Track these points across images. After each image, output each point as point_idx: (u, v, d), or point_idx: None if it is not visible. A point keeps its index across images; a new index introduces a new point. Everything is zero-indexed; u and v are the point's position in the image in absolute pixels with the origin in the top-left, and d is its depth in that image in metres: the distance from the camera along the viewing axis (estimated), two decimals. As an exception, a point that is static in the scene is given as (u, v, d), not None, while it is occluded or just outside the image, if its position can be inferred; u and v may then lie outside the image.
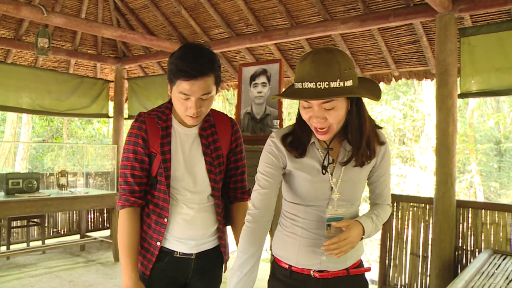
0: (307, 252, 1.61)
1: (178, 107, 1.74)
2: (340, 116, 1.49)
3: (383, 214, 1.67)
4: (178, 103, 1.73)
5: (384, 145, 1.63)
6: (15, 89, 6.09)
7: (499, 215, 3.75)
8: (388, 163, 1.67)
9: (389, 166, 1.70)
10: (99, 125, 15.48)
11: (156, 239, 1.81)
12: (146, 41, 5.73)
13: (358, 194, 1.65)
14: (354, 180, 1.60)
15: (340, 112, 1.48)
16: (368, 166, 1.61)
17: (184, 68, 1.65)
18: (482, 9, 3.87)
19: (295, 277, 1.63)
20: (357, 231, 1.53)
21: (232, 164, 1.97)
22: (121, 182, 1.80)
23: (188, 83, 1.66)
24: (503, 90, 3.86)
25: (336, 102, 1.45)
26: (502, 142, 12.79)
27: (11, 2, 4.21)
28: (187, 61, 1.66)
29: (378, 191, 1.70)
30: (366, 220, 1.58)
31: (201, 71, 1.66)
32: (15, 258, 5.64)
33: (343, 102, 1.47)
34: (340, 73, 1.39)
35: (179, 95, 1.70)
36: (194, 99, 1.69)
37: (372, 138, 1.57)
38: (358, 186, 1.63)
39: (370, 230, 1.57)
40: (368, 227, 1.57)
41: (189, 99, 1.69)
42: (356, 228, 1.53)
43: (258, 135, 4.35)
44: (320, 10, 4.82)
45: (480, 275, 2.87)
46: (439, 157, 3.88)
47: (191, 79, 1.65)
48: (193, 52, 1.70)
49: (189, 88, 1.66)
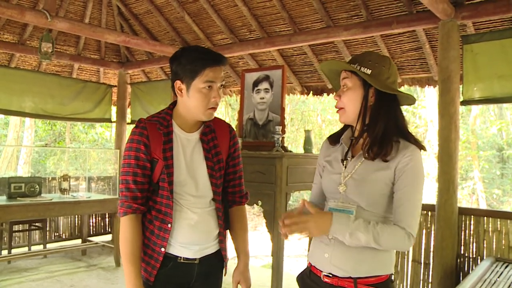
0: (317, 248, 1.69)
1: (200, 101, 1.78)
2: (351, 97, 1.65)
3: (386, 232, 1.52)
4: (201, 96, 1.77)
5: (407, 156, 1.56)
6: (19, 93, 6.11)
7: (501, 223, 3.74)
8: (409, 180, 1.56)
9: (412, 185, 1.56)
10: (102, 130, 15.50)
11: (160, 245, 1.81)
12: (149, 46, 5.75)
13: (367, 194, 1.59)
14: (364, 178, 1.60)
15: (351, 93, 1.65)
16: (385, 173, 1.58)
17: (209, 57, 1.77)
18: (485, 16, 3.87)
19: (312, 278, 1.69)
20: (321, 222, 1.53)
21: (231, 169, 2.00)
22: (122, 189, 1.79)
23: (213, 69, 1.76)
24: (505, 98, 3.86)
25: (349, 82, 1.65)
26: (504, 149, 12.76)
27: (16, 7, 4.25)
28: (205, 52, 1.79)
29: (394, 207, 1.59)
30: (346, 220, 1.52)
31: (221, 58, 1.81)
32: (16, 262, 5.63)
33: (356, 86, 1.64)
34: (363, 61, 1.63)
35: (204, 86, 1.76)
36: (216, 87, 1.78)
37: (390, 137, 1.59)
38: (367, 186, 1.59)
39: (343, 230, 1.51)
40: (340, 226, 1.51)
41: (212, 88, 1.77)
42: (321, 219, 1.54)
43: (260, 141, 4.35)
44: (323, 17, 4.83)
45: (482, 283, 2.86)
46: (441, 164, 3.87)
47: (219, 65, 1.78)
48: (200, 47, 1.84)
49: (215, 75, 1.77)
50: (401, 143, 1.60)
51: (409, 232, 1.53)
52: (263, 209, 4.01)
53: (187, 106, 1.81)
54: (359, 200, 1.60)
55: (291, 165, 3.96)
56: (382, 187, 1.59)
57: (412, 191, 1.56)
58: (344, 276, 1.60)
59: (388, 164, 1.58)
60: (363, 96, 1.63)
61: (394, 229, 1.54)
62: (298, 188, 4.14)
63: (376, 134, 1.60)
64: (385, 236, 1.51)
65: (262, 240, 9.29)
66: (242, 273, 1.99)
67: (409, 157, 1.57)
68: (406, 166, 1.56)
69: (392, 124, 1.61)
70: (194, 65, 1.75)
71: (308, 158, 4.19)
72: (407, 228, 1.53)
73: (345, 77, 1.67)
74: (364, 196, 1.60)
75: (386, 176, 1.58)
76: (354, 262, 1.59)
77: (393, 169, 1.58)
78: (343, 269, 1.60)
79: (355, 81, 1.64)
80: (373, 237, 1.51)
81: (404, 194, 1.56)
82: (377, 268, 1.60)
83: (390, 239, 1.52)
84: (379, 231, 1.51)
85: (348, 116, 1.68)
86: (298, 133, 13.98)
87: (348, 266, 1.59)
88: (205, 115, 1.81)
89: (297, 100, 13.63)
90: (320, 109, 13.94)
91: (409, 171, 1.56)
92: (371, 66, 1.61)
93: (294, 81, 5.85)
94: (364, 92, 1.63)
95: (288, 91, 6.00)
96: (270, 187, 3.90)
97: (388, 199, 1.60)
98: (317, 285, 1.67)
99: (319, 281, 1.66)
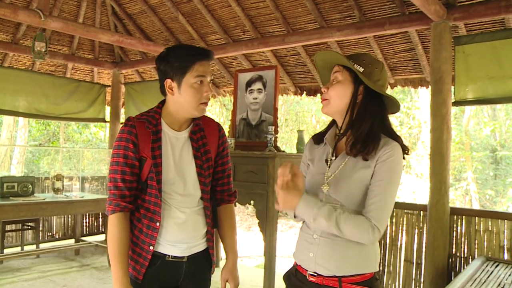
0: (302, 247, 1.70)
1: (192, 97, 1.79)
2: (339, 92, 1.66)
3: (350, 222, 1.52)
4: (192, 91, 1.78)
5: (387, 152, 1.58)
6: (12, 92, 6.09)
7: (493, 223, 3.77)
8: (385, 174, 1.56)
9: (388, 179, 1.56)
10: (96, 130, 15.46)
11: (149, 244, 1.81)
12: (143, 46, 5.75)
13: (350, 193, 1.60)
14: (347, 178, 1.61)
15: (340, 87, 1.66)
16: (366, 171, 1.59)
17: (199, 52, 1.80)
18: (476, 18, 3.90)
19: (299, 276, 1.71)
20: (290, 197, 1.57)
21: (219, 167, 2.01)
22: (110, 187, 1.79)
23: (204, 64, 1.79)
24: (497, 99, 3.90)
25: (340, 76, 1.67)
26: (498, 150, 12.83)
27: (9, 6, 4.23)
28: (192, 48, 1.82)
29: (367, 199, 1.58)
30: (313, 204, 1.55)
31: (209, 53, 1.84)
32: (9, 262, 5.61)
33: (347, 81, 1.66)
34: (357, 59, 1.66)
35: (195, 81, 1.78)
36: (207, 81, 1.81)
37: (374, 136, 1.60)
38: (350, 185, 1.60)
39: (307, 213, 1.55)
40: (306, 210, 1.55)
41: (203, 83, 1.79)
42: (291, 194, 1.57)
43: (253, 141, 4.36)
44: (316, 17, 4.85)
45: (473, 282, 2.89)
46: (433, 165, 3.90)
47: (207, 59, 1.81)
48: (185, 44, 1.92)
49: (204, 69, 1.79)
50: (382, 141, 1.61)
51: (375, 225, 1.53)
52: (255, 209, 4.02)
53: (179, 103, 1.81)
54: (342, 199, 1.61)
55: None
56: (364, 186, 1.60)
57: (386, 185, 1.56)
58: (329, 275, 1.61)
59: (369, 163, 1.59)
60: (352, 92, 1.65)
61: (360, 220, 1.53)
62: (291, 188, 4.14)
63: (361, 132, 1.61)
64: (348, 226, 1.52)
65: (256, 240, 9.30)
66: (230, 271, 1.99)
67: (389, 152, 1.57)
68: (384, 161, 1.57)
69: (378, 124, 1.63)
70: (183, 61, 1.77)
71: (301, 158, 4.18)
72: (373, 221, 1.53)
73: (337, 70, 1.69)
74: (347, 195, 1.61)
75: (367, 174, 1.59)
76: (338, 260, 1.60)
77: (373, 166, 1.59)
78: (328, 268, 1.61)
79: (346, 76, 1.66)
80: (336, 225, 1.52)
81: (378, 187, 1.56)
82: (361, 266, 1.61)
83: (353, 229, 1.52)
84: (343, 220, 1.52)
85: (331, 108, 1.69)
86: (293, 133, 14.00)
87: (332, 265, 1.60)
88: (198, 110, 1.82)
89: (292, 101, 13.67)
90: (315, 110, 13.97)
91: (386, 166, 1.57)
92: (364, 65, 1.64)
93: (288, 81, 5.87)
94: (354, 88, 1.65)
95: (281, 92, 6.02)
96: (263, 187, 3.92)
97: None
98: (303, 284, 1.68)
99: (305, 280, 1.67)
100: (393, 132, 1.66)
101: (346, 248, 1.59)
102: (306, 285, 1.67)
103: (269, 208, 3.90)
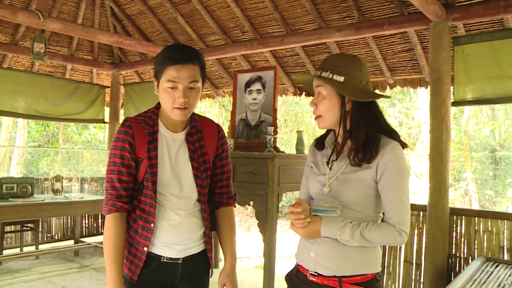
0: (303, 247, 1.72)
1: (165, 100, 1.76)
2: (328, 106, 1.65)
3: (376, 232, 1.55)
4: (165, 95, 1.74)
5: (387, 154, 1.58)
6: (11, 93, 6.08)
7: (492, 223, 3.77)
8: (393, 177, 1.57)
9: (396, 181, 1.58)
10: (95, 131, 15.46)
11: (143, 245, 1.81)
12: (142, 47, 5.75)
13: (351, 195, 1.61)
14: (348, 179, 1.62)
15: (327, 101, 1.65)
16: (367, 172, 1.59)
17: (171, 55, 1.73)
18: (475, 18, 3.91)
19: (300, 277, 1.71)
20: (310, 230, 1.61)
21: (218, 170, 1.97)
22: (107, 187, 1.79)
23: (175, 68, 1.70)
24: (496, 99, 3.90)
25: (324, 91, 1.65)
26: (497, 150, 12.85)
27: (8, 7, 4.23)
28: (173, 50, 1.76)
29: (383, 206, 1.62)
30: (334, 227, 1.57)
31: (187, 57, 1.73)
32: (8, 263, 5.60)
33: (331, 94, 1.64)
34: (334, 67, 1.62)
35: (167, 86, 1.72)
36: (182, 88, 1.72)
37: (372, 141, 1.60)
38: (351, 187, 1.61)
39: (332, 235, 1.58)
40: (330, 233, 1.58)
41: (176, 88, 1.72)
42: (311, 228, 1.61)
43: (252, 142, 4.36)
44: (315, 18, 4.85)
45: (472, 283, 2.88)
46: (432, 165, 3.90)
47: (178, 64, 1.71)
48: (177, 45, 1.85)
49: (177, 74, 1.71)
50: (381, 140, 1.61)
51: (400, 229, 1.55)
52: (255, 210, 4.02)
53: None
54: (344, 201, 1.61)
55: (283, 166, 3.97)
56: (365, 187, 1.60)
57: (397, 188, 1.58)
58: (329, 275, 1.61)
59: (369, 164, 1.59)
60: (340, 103, 1.64)
61: (384, 227, 1.56)
62: (290, 189, 4.15)
63: (359, 141, 1.61)
64: (375, 237, 1.55)
65: (255, 241, 9.29)
66: (228, 275, 1.95)
67: (389, 153, 1.57)
68: (387, 164, 1.57)
69: (373, 127, 1.63)
70: (158, 64, 1.75)
71: (300, 158, 4.20)
72: (398, 226, 1.56)
73: (318, 85, 1.67)
74: (348, 197, 1.61)
75: (368, 175, 1.59)
76: (339, 260, 1.60)
77: (374, 167, 1.59)
78: (328, 267, 1.61)
79: (329, 89, 1.64)
80: (361, 238, 1.55)
81: (390, 192, 1.58)
82: (362, 267, 1.61)
83: (381, 238, 1.56)
84: (367, 232, 1.54)
85: (326, 122, 1.70)
86: (292, 134, 14.01)
87: (333, 264, 1.60)
88: (174, 115, 1.78)
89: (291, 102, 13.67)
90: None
91: (391, 168, 1.57)
92: (343, 72, 1.61)
93: (287, 82, 5.87)
94: (340, 99, 1.64)
95: (280, 92, 6.02)
96: (262, 188, 3.91)
97: (373, 198, 1.62)
98: (304, 284, 1.68)
99: (306, 280, 1.67)
100: (389, 129, 1.66)
101: (347, 248, 1.59)
102: (306, 285, 1.67)
103: (269, 209, 3.89)
